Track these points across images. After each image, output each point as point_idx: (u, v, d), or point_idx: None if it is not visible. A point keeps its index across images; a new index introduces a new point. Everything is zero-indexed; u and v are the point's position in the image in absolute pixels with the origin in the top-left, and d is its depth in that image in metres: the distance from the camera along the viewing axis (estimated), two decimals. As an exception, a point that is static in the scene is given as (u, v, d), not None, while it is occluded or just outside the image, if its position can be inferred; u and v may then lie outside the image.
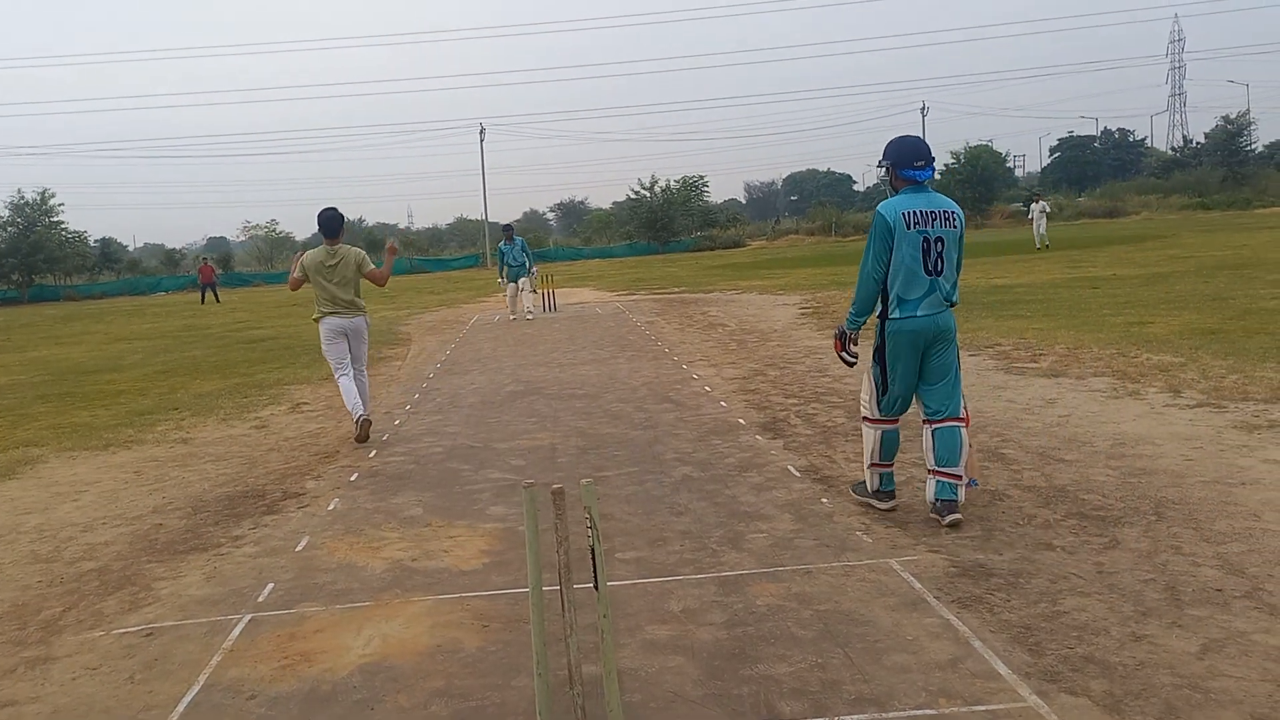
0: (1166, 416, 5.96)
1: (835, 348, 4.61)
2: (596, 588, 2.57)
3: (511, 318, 16.64)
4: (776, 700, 2.82)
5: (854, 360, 4.56)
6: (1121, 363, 7.84)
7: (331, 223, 7.17)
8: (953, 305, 4.43)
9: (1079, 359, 8.19)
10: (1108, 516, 4.23)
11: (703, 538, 4.32)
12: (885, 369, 4.43)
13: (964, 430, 4.37)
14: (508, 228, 17.39)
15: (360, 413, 6.98)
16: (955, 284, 4.42)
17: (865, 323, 4.50)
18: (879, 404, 4.49)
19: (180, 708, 3.05)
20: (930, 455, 4.35)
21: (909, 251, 4.28)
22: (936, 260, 4.29)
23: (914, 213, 4.28)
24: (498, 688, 3.03)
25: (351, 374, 7.16)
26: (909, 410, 4.56)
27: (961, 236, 4.40)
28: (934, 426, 4.37)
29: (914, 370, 4.38)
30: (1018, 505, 4.47)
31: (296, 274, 7.20)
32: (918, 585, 3.61)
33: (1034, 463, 5.16)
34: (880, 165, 4.52)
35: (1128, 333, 9.41)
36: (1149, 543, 3.88)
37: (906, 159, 4.38)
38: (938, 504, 4.28)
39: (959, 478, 4.29)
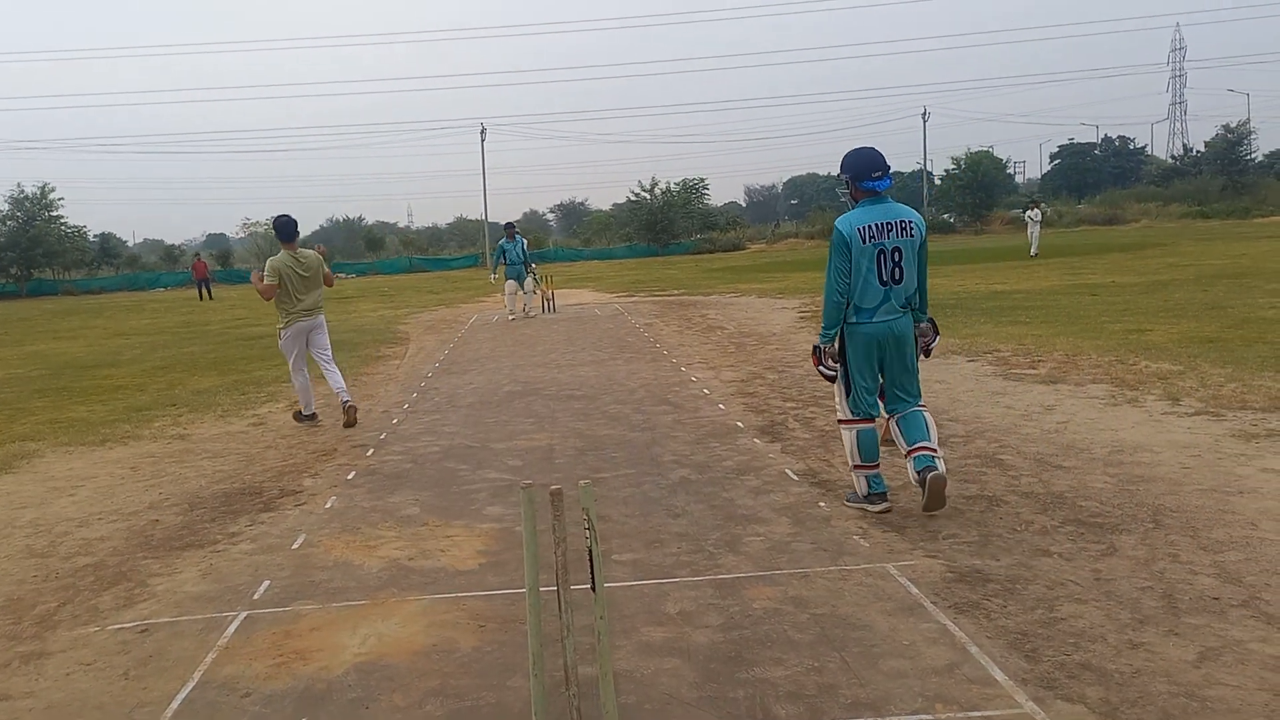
0: (1165, 424, 5.96)
1: (813, 363, 4.76)
2: (593, 589, 2.56)
3: (510, 317, 16.63)
4: (772, 704, 2.82)
5: (833, 374, 4.68)
6: (1120, 370, 7.84)
7: (289, 227, 7.55)
8: (914, 312, 4.59)
9: (1077, 366, 8.19)
10: (1105, 523, 4.23)
11: (700, 540, 4.32)
12: (847, 367, 4.60)
13: (926, 412, 4.57)
14: (510, 225, 17.46)
15: (313, 409, 7.68)
16: (919, 291, 4.59)
17: (837, 335, 4.61)
18: (848, 403, 4.64)
19: (174, 704, 3.04)
20: (901, 441, 4.54)
21: (866, 264, 4.45)
22: (893, 270, 4.46)
23: (869, 226, 4.43)
24: (493, 688, 3.03)
25: (306, 372, 7.73)
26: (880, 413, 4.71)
27: (923, 244, 4.55)
28: (898, 417, 4.57)
29: (874, 369, 4.58)
30: (1015, 511, 4.47)
31: (272, 280, 7.38)
32: (914, 590, 3.61)
33: (1032, 469, 5.16)
34: (839, 178, 4.67)
35: (1126, 340, 9.42)
36: (1146, 550, 3.88)
37: (864, 171, 4.52)
38: (919, 474, 4.39)
39: (934, 450, 4.43)
